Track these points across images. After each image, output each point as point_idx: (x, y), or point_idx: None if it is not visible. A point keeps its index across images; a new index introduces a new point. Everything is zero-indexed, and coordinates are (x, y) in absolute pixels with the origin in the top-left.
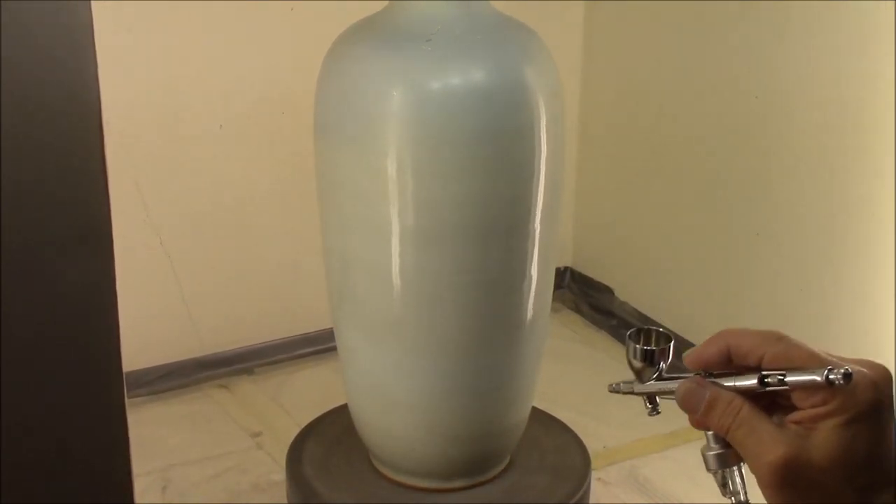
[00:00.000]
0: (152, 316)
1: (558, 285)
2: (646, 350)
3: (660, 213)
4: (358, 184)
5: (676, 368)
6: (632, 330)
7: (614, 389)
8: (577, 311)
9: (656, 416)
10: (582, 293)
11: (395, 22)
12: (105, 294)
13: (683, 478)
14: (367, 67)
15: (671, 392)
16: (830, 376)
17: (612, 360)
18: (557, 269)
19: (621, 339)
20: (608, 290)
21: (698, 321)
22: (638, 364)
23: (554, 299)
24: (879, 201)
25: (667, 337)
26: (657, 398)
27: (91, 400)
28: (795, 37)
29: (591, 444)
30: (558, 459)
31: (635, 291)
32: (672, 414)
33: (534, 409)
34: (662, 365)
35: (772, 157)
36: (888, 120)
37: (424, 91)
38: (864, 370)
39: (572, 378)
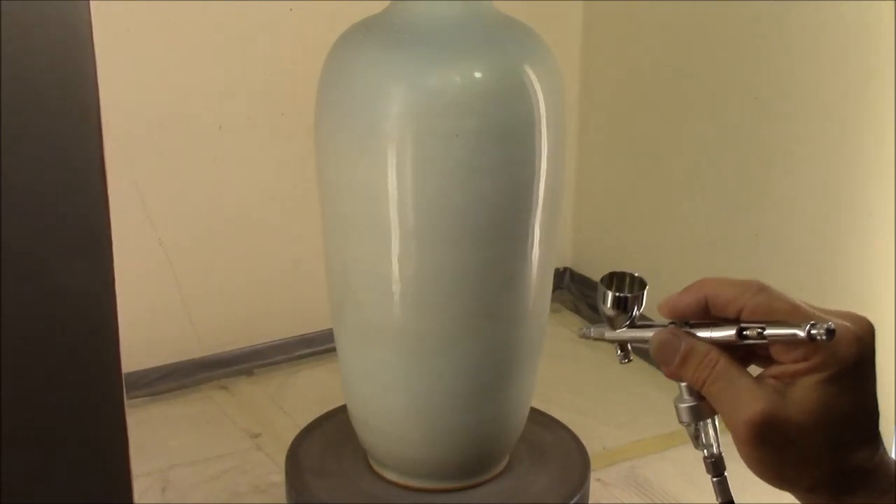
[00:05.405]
0: (152, 316)
1: (558, 286)
2: (618, 296)
3: (659, 213)
4: (358, 185)
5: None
6: (604, 275)
7: (584, 335)
8: (577, 311)
9: (655, 416)
10: (581, 294)
11: (397, 22)
12: (105, 294)
13: (683, 478)
14: (368, 68)
15: (644, 341)
16: (812, 331)
17: (612, 360)
18: (557, 270)
19: None
20: None
21: None
22: (610, 311)
23: (553, 300)
24: (879, 201)
25: (641, 282)
26: (629, 346)
27: (91, 400)
28: (795, 37)
29: (591, 445)
30: (557, 460)
31: None
32: (672, 415)
33: (533, 409)
34: (636, 312)
35: (771, 157)
36: (888, 120)
37: (426, 91)
38: (848, 324)
39: (572, 378)
